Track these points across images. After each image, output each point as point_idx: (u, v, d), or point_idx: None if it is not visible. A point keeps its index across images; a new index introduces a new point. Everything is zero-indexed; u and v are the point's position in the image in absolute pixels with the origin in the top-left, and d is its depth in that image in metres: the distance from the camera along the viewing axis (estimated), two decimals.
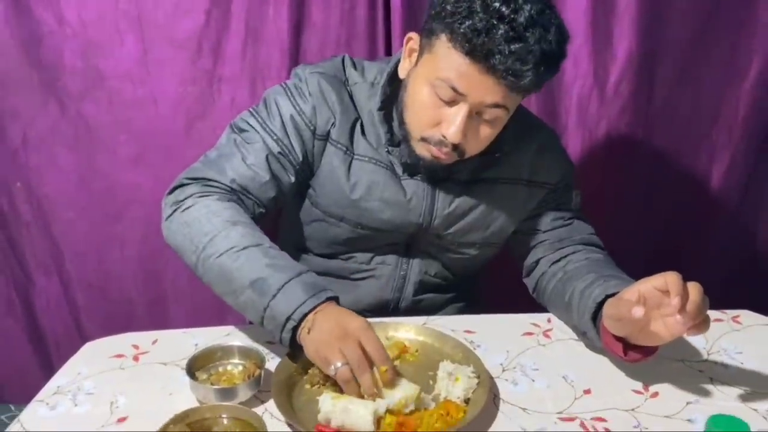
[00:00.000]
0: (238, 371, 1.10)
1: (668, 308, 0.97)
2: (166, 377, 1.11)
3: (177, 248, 1.18)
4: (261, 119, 1.24)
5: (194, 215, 1.15)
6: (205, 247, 1.11)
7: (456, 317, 1.30)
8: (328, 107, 1.23)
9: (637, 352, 1.07)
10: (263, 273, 1.07)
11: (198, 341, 1.21)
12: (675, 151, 1.84)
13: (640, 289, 1.01)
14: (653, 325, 1.02)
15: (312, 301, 1.04)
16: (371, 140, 1.26)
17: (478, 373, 1.07)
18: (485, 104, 1.10)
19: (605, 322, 1.07)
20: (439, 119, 1.13)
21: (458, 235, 1.31)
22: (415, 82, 1.16)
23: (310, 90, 1.24)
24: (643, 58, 1.72)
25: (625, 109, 1.77)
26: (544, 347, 1.21)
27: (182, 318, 1.94)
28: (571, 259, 1.31)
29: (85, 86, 1.71)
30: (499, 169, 1.29)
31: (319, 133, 1.24)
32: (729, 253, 1.93)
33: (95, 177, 1.79)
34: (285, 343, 1.06)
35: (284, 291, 1.05)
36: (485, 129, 1.15)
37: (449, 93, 1.10)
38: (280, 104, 1.25)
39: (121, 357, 1.16)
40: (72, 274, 1.88)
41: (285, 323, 1.04)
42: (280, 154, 1.23)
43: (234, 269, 1.09)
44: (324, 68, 1.27)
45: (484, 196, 1.29)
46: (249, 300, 1.08)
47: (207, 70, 1.71)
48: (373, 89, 1.26)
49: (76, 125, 1.74)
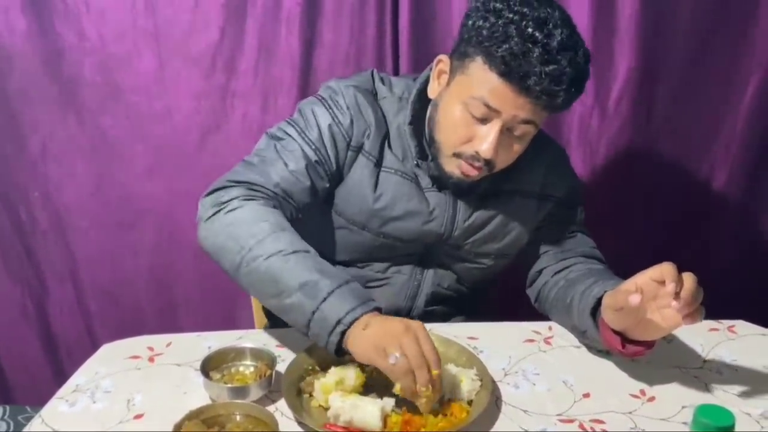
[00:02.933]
0: (250, 372, 1.13)
1: (664, 298, 1.02)
2: (181, 377, 1.14)
3: (217, 248, 1.17)
4: (299, 129, 1.28)
5: (241, 217, 1.15)
6: (252, 248, 1.12)
7: (459, 324, 1.35)
8: (364, 120, 1.28)
9: (635, 345, 1.11)
10: (313, 276, 1.08)
11: (211, 344, 1.24)
12: (674, 167, 1.88)
13: (637, 281, 1.04)
14: (650, 316, 1.06)
15: (362, 308, 1.05)
16: (397, 153, 1.30)
17: (480, 376, 1.11)
18: (517, 120, 1.15)
19: (604, 314, 1.11)
20: (471, 136, 1.19)
21: (476, 245, 1.36)
22: (448, 102, 1.21)
23: (347, 103, 1.28)
24: (642, 76, 1.77)
25: (626, 126, 1.82)
26: (545, 353, 1.25)
27: (192, 326, 1.91)
28: (573, 269, 1.35)
29: (103, 99, 1.76)
30: (515, 182, 1.34)
31: (354, 144, 1.28)
32: (729, 265, 1.97)
33: (111, 187, 1.84)
34: (331, 347, 1.06)
35: (335, 295, 1.06)
36: (515, 144, 1.21)
37: (483, 110, 1.15)
38: (317, 114, 1.27)
39: (137, 358, 1.20)
40: (85, 281, 1.93)
41: (335, 326, 1.04)
42: (317, 162, 1.26)
43: (284, 270, 1.09)
44: (357, 82, 1.31)
45: (500, 208, 1.34)
46: (297, 302, 1.08)
47: (220, 86, 1.77)
48: (400, 104, 1.31)
49: (93, 137, 1.79)
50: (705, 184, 1.91)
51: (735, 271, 1.97)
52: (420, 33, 1.72)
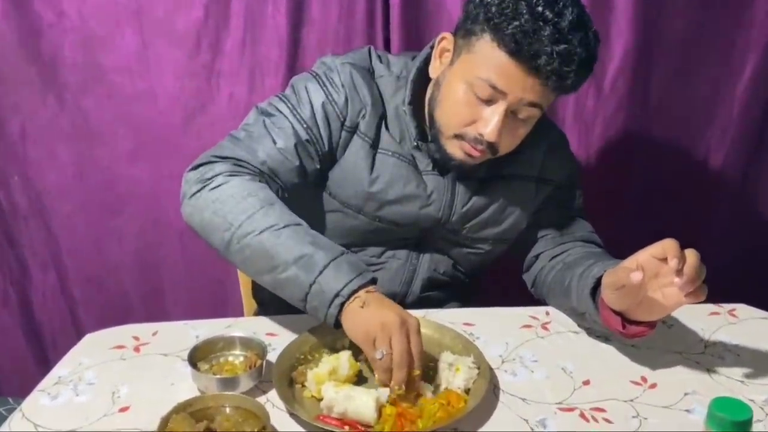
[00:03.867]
0: (240, 362, 1.10)
1: (666, 276, 0.99)
2: (168, 368, 1.11)
3: (204, 225, 1.14)
4: (291, 105, 1.23)
5: (228, 192, 1.12)
6: (242, 224, 1.09)
7: (455, 310, 1.31)
8: (360, 99, 1.23)
9: (636, 326, 1.08)
10: (308, 250, 1.07)
11: (199, 333, 1.21)
12: (671, 146, 1.86)
13: (638, 258, 1.02)
14: (652, 294, 1.03)
15: (359, 280, 1.05)
16: (394, 134, 1.26)
17: (478, 363, 1.08)
18: (523, 103, 1.12)
19: (604, 294, 1.08)
20: (474, 117, 1.15)
21: (473, 230, 1.32)
22: (451, 81, 1.17)
23: (342, 80, 1.23)
24: (639, 55, 1.73)
25: (622, 106, 1.79)
26: (542, 339, 1.22)
27: (180, 312, 1.94)
28: (571, 252, 1.32)
29: (84, 80, 1.71)
30: (514, 166, 1.31)
31: (348, 125, 1.24)
32: (726, 246, 1.95)
33: (93, 171, 1.80)
34: (330, 320, 1.06)
35: (332, 267, 1.05)
36: (519, 128, 1.18)
37: (488, 91, 1.11)
38: (311, 91, 1.23)
39: (121, 348, 1.16)
40: (69, 267, 1.89)
41: (333, 299, 1.04)
42: (308, 141, 1.22)
43: (277, 245, 1.08)
44: (354, 59, 1.27)
45: (499, 192, 1.31)
46: (293, 276, 1.07)
47: (206, 65, 1.72)
48: (398, 83, 1.26)
49: (74, 119, 1.75)
50: (702, 164, 1.88)
51: (733, 252, 1.95)
52: (411, 9, 1.68)
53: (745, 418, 0.72)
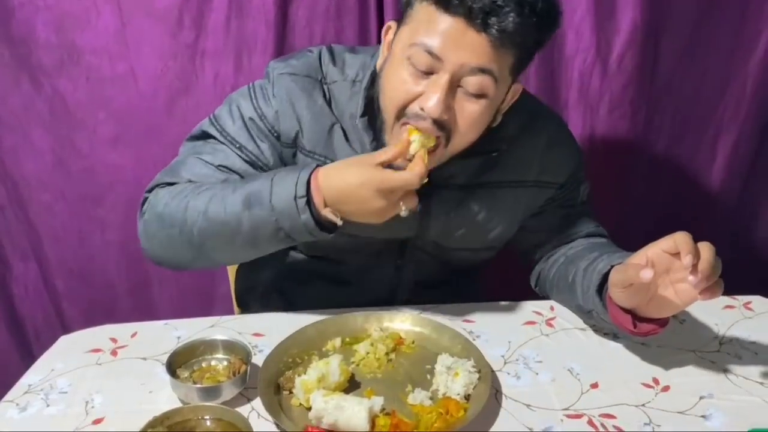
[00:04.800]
0: (223, 367, 1.03)
1: (678, 272, 0.93)
2: (146, 373, 1.04)
3: (164, 249, 1.12)
4: (220, 127, 1.15)
5: (160, 204, 1.10)
6: (186, 219, 1.06)
7: (454, 305, 1.23)
8: (293, 113, 1.12)
9: (647, 324, 1.01)
10: (247, 189, 1.04)
11: (180, 333, 1.14)
12: (680, 127, 1.78)
13: (648, 253, 0.95)
14: (663, 292, 0.96)
15: (305, 173, 1.01)
16: (355, 147, 1.13)
17: (478, 367, 1.01)
18: (468, 67, 0.97)
19: (612, 292, 1.01)
20: (416, 93, 1.01)
21: (455, 243, 1.22)
22: (391, 63, 1.04)
23: (275, 92, 1.12)
24: (647, 30, 1.63)
25: (629, 84, 1.69)
26: (547, 337, 1.15)
27: (168, 303, 1.88)
28: (573, 245, 1.24)
29: (60, 62, 1.62)
30: (502, 170, 1.17)
31: (284, 140, 1.14)
32: (738, 232, 1.88)
33: (73, 158, 1.71)
34: (311, 227, 1.01)
35: (275, 185, 1.02)
36: (471, 105, 1.01)
37: (425, 58, 0.98)
38: (242, 107, 1.14)
39: (98, 352, 1.10)
40: (51, 259, 1.81)
41: (296, 205, 1.00)
42: (246, 162, 1.13)
43: (223, 208, 1.04)
44: (296, 68, 1.14)
45: (484, 201, 1.18)
46: (255, 220, 1.03)
47: (189, 44, 1.63)
48: (353, 88, 1.13)
49: (51, 103, 1.66)
50: (713, 145, 1.80)
51: (747, 239, 1.87)
52: None
53: None
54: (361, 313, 1.15)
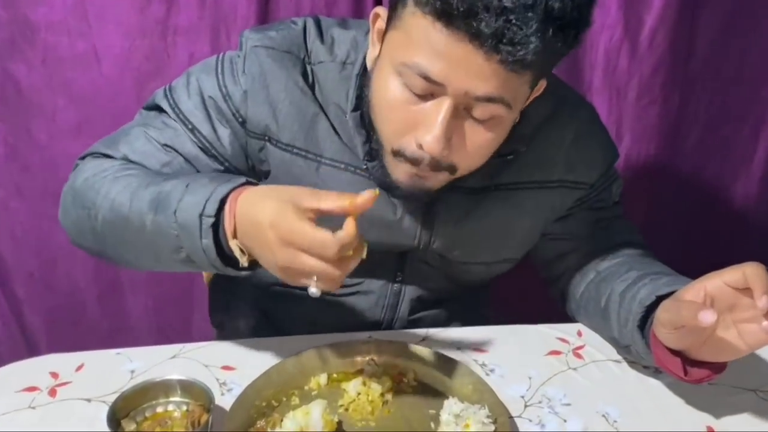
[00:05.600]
0: (181, 413, 0.84)
1: (746, 310, 0.77)
2: (89, 420, 0.86)
3: (76, 229, 0.98)
4: (173, 101, 0.97)
5: (81, 178, 0.96)
6: (96, 202, 0.90)
7: (463, 330, 1.05)
8: (266, 98, 0.94)
9: (700, 368, 0.84)
10: (160, 187, 0.85)
11: (135, 366, 0.96)
12: (717, 115, 1.64)
13: (707, 287, 0.78)
14: (723, 333, 0.79)
15: (224, 187, 0.80)
16: (346, 140, 0.96)
17: (494, 416, 0.82)
18: (473, 96, 0.79)
19: (658, 331, 0.83)
20: (414, 120, 0.82)
21: (464, 256, 1.04)
22: (379, 73, 0.85)
23: (246, 68, 0.94)
24: (683, 3, 1.50)
25: (661, 65, 1.55)
26: (575, 371, 0.96)
27: (141, 310, 1.72)
28: (606, 257, 1.05)
29: (12, 40, 1.45)
30: (522, 170, 1.00)
31: (252, 129, 0.96)
32: None
33: (30, 149, 1.55)
34: (211, 255, 0.80)
35: (189, 191, 0.82)
36: (480, 134, 0.83)
37: (421, 83, 0.79)
38: (202, 82, 0.97)
39: (33, 390, 0.91)
40: (9, 262, 1.65)
41: (200, 224, 0.79)
42: (198, 147, 0.96)
43: (131, 201, 0.86)
44: (276, 40, 0.96)
45: (499, 207, 1.01)
46: (157, 226, 0.83)
47: (159, 20, 1.46)
48: (344, 72, 0.95)
49: (3, 88, 1.50)
50: (752, 136, 1.67)
51: None
52: None
53: None
54: (352, 342, 0.96)
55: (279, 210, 0.73)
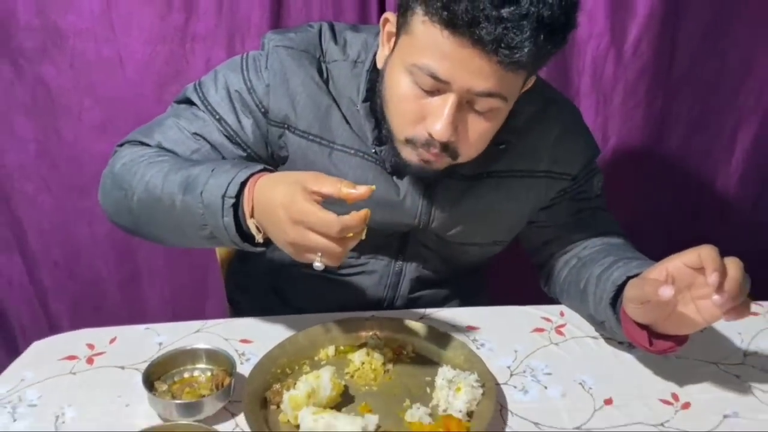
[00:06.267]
0: (206, 378, 0.95)
1: (702, 288, 0.86)
2: (124, 384, 0.97)
3: (114, 209, 1.07)
4: (202, 95, 1.08)
5: (119, 163, 1.06)
6: (132, 184, 1.01)
7: (457, 310, 1.16)
8: (286, 91, 1.05)
9: (665, 341, 0.93)
10: (189, 171, 0.96)
11: (162, 339, 1.06)
12: (698, 118, 1.72)
13: (668, 267, 0.88)
14: (683, 308, 0.89)
15: (245, 172, 0.91)
16: (356, 129, 1.07)
17: (482, 381, 0.93)
18: (475, 92, 0.90)
19: (627, 306, 0.93)
20: (423, 113, 0.94)
21: (460, 237, 1.14)
22: (392, 72, 0.96)
23: (269, 64, 1.06)
24: (666, 13, 1.58)
25: (645, 72, 1.63)
26: (557, 346, 1.07)
27: (158, 298, 1.81)
28: (587, 245, 1.16)
29: (43, 46, 1.55)
30: (512, 159, 1.11)
31: (273, 118, 1.07)
32: (755, 231, 1.82)
33: (58, 146, 1.65)
34: (232, 233, 0.91)
35: (214, 175, 0.92)
36: (480, 123, 0.95)
37: (429, 81, 0.90)
38: (228, 78, 1.08)
39: (72, 359, 1.02)
40: (36, 252, 1.74)
41: (222, 204, 0.90)
42: (224, 135, 1.07)
43: (164, 184, 0.97)
44: (294, 41, 1.07)
45: (491, 192, 1.11)
46: (185, 206, 0.94)
47: (178, 28, 1.56)
48: (355, 69, 1.06)
49: (34, 90, 1.59)
50: (730, 137, 1.74)
51: (763, 237, 1.80)
52: None
53: None
54: (356, 318, 1.07)
55: (289, 192, 0.83)
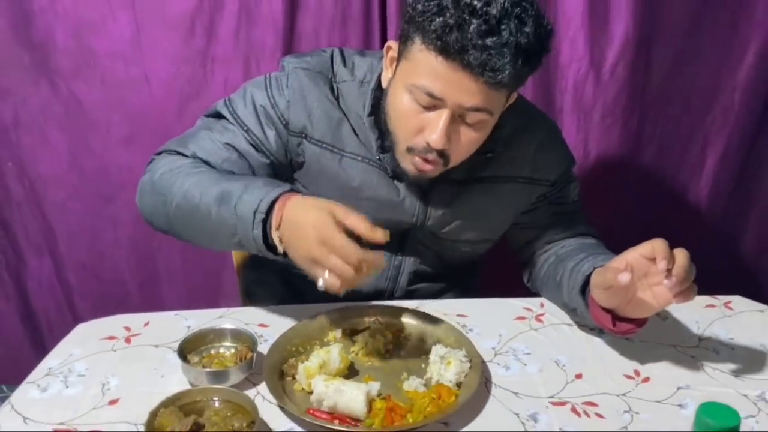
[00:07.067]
0: (230, 354, 1.09)
1: (656, 275, 0.98)
2: (158, 359, 1.10)
3: (150, 213, 1.20)
4: (232, 109, 1.23)
5: (158, 171, 1.17)
6: (172, 192, 1.13)
7: (449, 301, 1.30)
8: (304, 107, 1.20)
9: (626, 323, 1.07)
10: (224, 186, 1.08)
11: (190, 323, 1.20)
12: (669, 135, 1.84)
13: (627, 258, 1.01)
14: (641, 294, 1.03)
15: (274, 191, 1.04)
16: (363, 139, 1.22)
17: (470, 357, 1.07)
18: (465, 107, 1.06)
19: (593, 292, 1.08)
20: (421, 125, 1.10)
21: (452, 234, 1.30)
22: (394, 91, 1.12)
23: (289, 83, 1.21)
24: (639, 41, 1.71)
25: (621, 93, 1.77)
26: (536, 332, 1.21)
27: (175, 299, 1.94)
28: (564, 244, 1.31)
29: (77, 65, 1.70)
30: (497, 167, 1.26)
31: (293, 129, 1.22)
32: (724, 237, 1.94)
33: (87, 157, 1.79)
34: (259, 243, 1.04)
35: (247, 191, 1.06)
36: (470, 133, 1.11)
37: (426, 99, 1.06)
38: (255, 95, 1.22)
39: (113, 339, 1.16)
40: (64, 254, 1.88)
41: (253, 219, 1.03)
42: (250, 144, 1.21)
43: (201, 195, 1.10)
44: (310, 63, 1.23)
45: (480, 195, 1.26)
46: (220, 216, 1.07)
47: (200, 50, 1.70)
48: (362, 88, 1.22)
49: (67, 105, 1.73)
50: (700, 155, 1.87)
51: (731, 243, 1.93)
52: None
53: (732, 425, 0.71)
54: (361, 306, 1.21)
55: (321, 217, 0.97)
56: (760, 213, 1.94)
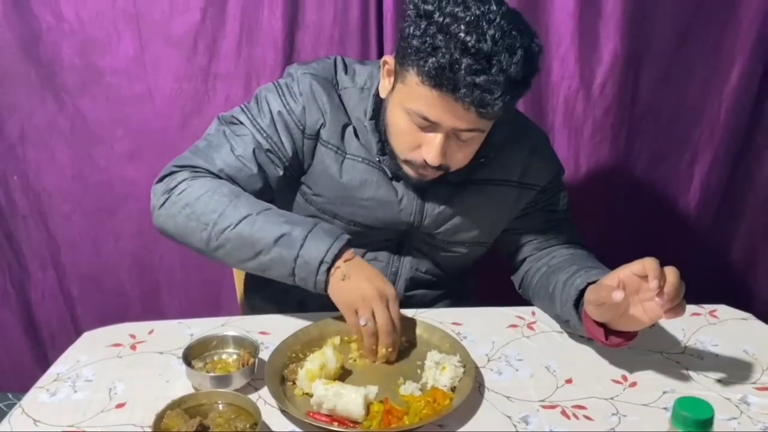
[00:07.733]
0: (233, 360, 1.13)
1: (647, 292, 1.01)
2: (163, 365, 1.14)
3: (179, 231, 1.21)
4: (251, 115, 1.27)
5: (194, 195, 1.19)
6: (216, 222, 1.16)
7: (444, 310, 1.34)
8: (318, 108, 1.26)
9: (617, 336, 1.11)
10: (285, 229, 1.15)
11: (193, 331, 1.23)
12: (658, 150, 1.88)
13: (620, 275, 1.04)
14: (632, 309, 1.06)
15: (338, 243, 1.15)
16: (364, 142, 1.28)
17: (464, 362, 1.11)
18: (458, 129, 1.13)
19: (587, 308, 1.11)
20: (418, 142, 1.16)
21: (448, 235, 1.34)
22: (393, 108, 1.19)
23: (301, 89, 1.26)
24: (627, 59, 1.76)
25: (610, 110, 1.81)
26: (528, 339, 1.25)
27: (176, 310, 1.97)
28: (555, 254, 1.35)
29: (83, 82, 1.74)
30: (491, 170, 1.31)
31: (309, 133, 1.27)
32: (712, 248, 1.98)
33: (91, 171, 1.82)
34: (320, 286, 1.14)
35: (310, 239, 1.14)
36: (464, 148, 1.18)
37: (422, 122, 1.13)
38: (270, 101, 1.27)
39: (118, 346, 1.19)
40: (67, 266, 1.92)
41: (319, 266, 1.13)
42: (268, 150, 1.26)
43: (255, 232, 1.16)
44: (316, 69, 1.28)
45: (474, 197, 1.32)
46: (277, 256, 1.15)
47: (202, 68, 1.74)
48: (362, 94, 1.28)
49: (73, 120, 1.77)
50: (688, 168, 1.91)
51: (718, 254, 1.98)
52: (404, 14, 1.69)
53: (707, 417, 0.75)
54: None
55: (381, 277, 1.17)
56: (747, 226, 1.98)
